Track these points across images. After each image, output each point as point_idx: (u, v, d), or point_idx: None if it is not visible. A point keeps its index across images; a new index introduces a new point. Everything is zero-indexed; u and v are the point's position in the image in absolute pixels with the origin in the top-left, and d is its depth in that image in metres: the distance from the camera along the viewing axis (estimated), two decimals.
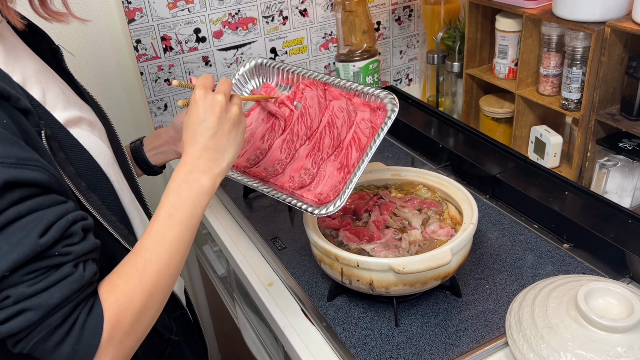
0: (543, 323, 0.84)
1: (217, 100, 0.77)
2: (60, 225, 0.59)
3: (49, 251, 0.59)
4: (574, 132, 1.27)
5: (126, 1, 1.31)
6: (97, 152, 0.73)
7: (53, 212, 0.60)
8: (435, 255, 0.85)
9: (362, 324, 0.93)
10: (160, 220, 0.70)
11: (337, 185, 0.97)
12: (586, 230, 1.03)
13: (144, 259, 0.67)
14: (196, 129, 0.76)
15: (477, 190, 1.23)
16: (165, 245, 0.69)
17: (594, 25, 1.10)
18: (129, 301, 0.64)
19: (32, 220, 0.58)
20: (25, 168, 0.58)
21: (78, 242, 0.62)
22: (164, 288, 0.69)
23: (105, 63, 1.40)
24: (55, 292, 0.59)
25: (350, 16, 1.52)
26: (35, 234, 0.57)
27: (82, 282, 0.61)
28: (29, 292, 0.57)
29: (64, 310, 0.60)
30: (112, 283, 0.65)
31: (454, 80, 1.55)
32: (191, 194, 0.73)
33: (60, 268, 0.60)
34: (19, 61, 0.69)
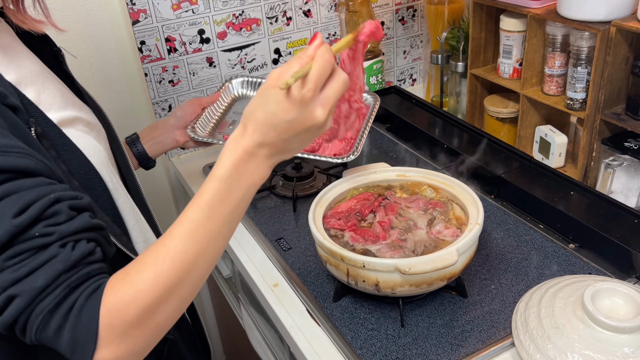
0: (550, 323, 0.84)
1: (317, 116, 0.63)
2: (40, 204, 0.56)
3: (28, 232, 0.56)
4: (578, 132, 1.27)
5: (130, 2, 1.32)
6: (90, 151, 0.72)
7: (33, 193, 0.57)
8: (441, 256, 0.85)
9: (368, 324, 0.93)
10: (198, 209, 0.62)
11: (344, 147, 1.16)
12: (592, 230, 1.03)
13: (167, 248, 0.61)
14: (277, 123, 0.63)
15: (482, 191, 1.23)
16: (197, 237, 0.61)
17: (599, 24, 1.09)
18: (135, 292, 0.58)
19: (7, 203, 0.55)
20: (7, 155, 0.56)
21: (63, 221, 0.58)
22: (188, 284, 0.62)
23: (110, 64, 1.40)
24: (40, 274, 0.55)
25: (354, 16, 1.52)
26: (9, 215, 0.55)
27: (69, 263, 0.57)
28: (13, 277, 0.55)
29: (55, 294, 0.56)
30: (126, 271, 0.61)
31: (458, 80, 1.54)
32: (242, 187, 0.64)
33: (45, 250, 0.56)
34: (15, 61, 0.70)
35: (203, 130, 1.20)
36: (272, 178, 1.35)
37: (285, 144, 0.65)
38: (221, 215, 0.63)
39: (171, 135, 1.14)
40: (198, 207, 0.63)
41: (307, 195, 1.28)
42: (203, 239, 0.62)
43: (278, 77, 0.63)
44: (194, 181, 1.41)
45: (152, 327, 0.60)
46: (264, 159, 0.65)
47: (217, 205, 0.63)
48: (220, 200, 0.63)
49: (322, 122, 0.65)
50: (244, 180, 0.64)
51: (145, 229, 0.82)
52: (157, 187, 1.55)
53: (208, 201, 0.63)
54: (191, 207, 0.63)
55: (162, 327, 0.62)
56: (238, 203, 0.65)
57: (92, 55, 1.37)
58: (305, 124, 0.64)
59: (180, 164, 1.49)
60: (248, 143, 0.64)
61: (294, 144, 0.66)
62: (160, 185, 1.56)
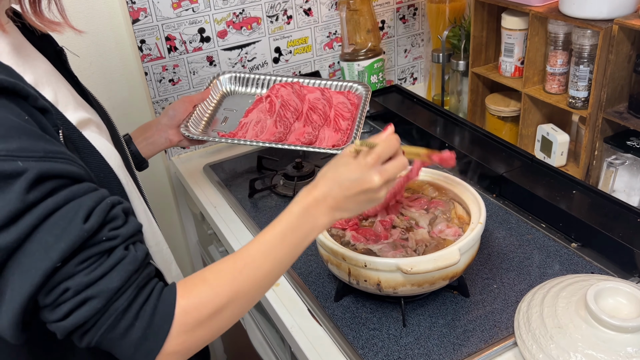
0: (552, 323, 0.84)
1: (373, 181, 0.74)
2: (101, 209, 0.59)
3: (96, 237, 0.58)
4: (580, 130, 1.27)
5: (130, 1, 1.31)
6: (107, 154, 0.72)
7: (90, 198, 0.59)
8: (443, 255, 0.85)
9: (369, 324, 0.93)
10: (273, 235, 0.71)
11: (340, 138, 1.19)
12: (594, 229, 1.02)
13: (245, 262, 0.68)
14: (342, 180, 0.75)
15: (483, 189, 1.22)
16: (270, 258, 0.70)
17: (601, 22, 1.09)
18: (214, 295, 0.65)
19: (71, 208, 0.57)
20: (54, 161, 0.57)
21: (122, 224, 0.61)
22: (251, 298, 0.70)
23: (110, 63, 1.40)
24: (113, 276, 0.58)
25: (354, 15, 1.51)
26: (78, 220, 0.56)
27: (137, 263, 0.61)
28: (87, 280, 0.57)
29: (127, 294, 0.59)
30: (202, 277, 0.66)
31: (459, 79, 1.54)
32: (307, 226, 0.73)
33: (112, 252, 0.59)
34: (29, 62, 0.69)
35: (196, 127, 1.19)
36: (273, 177, 1.35)
37: (346, 201, 0.75)
38: (289, 245, 0.72)
39: (164, 135, 1.14)
40: (273, 233, 0.72)
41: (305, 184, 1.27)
42: (274, 261, 0.70)
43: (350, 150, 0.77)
44: (194, 180, 1.40)
45: (215, 327, 0.66)
46: (327, 209, 0.75)
47: (288, 235, 0.72)
48: (291, 231, 0.72)
49: (377, 187, 0.75)
50: (310, 221, 0.74)
51: (156, 231, 0.81)
52: (157, 186, 1.55)
53: (282, 230, 0.72)
54: (268, 232, 0.72)
55: (221, 328, 0.68)
56: (302, 239, 0.74)
57: (92, 54, 1.37)
58: (364, 186, 0.74)
59: (181, 163, 1.48)
60: (318, 193, 0.74)
61: (351, 204, 0.76)
62: (160, 184, 1.55)
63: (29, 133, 0.57)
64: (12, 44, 0.67)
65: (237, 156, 1.47)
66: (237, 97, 1.35)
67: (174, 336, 0.61)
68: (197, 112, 1.23)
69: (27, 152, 0.55)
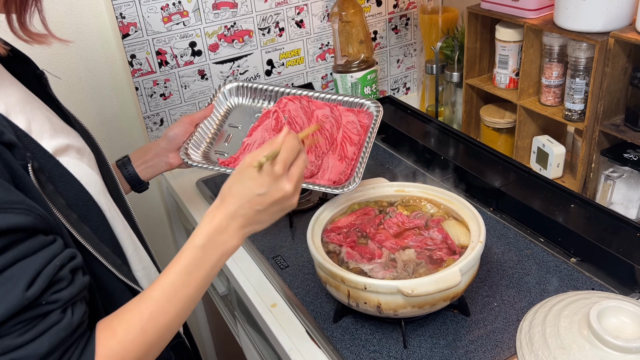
0: (555, 343, 0.82)
1: (285, 190, 0.74)
2: (47, 274, 0.58)
3: (37, 301, 0.57)
4: (576, 142, 1.26)
5: (120, 16, 1.29)
6: (87, 181, 0.70)
7: (39, 259, 0.58)
8: (444, 276, 0.83)
9: (369, 346, 0.91)
10: (177, 275, 0.69)
11: (343, 171, 1.07)
12: (593, 244, 1.01)
13: (150, 311, 0.66)
14: (250, 196, 0.73)
15: (480, 203, 1.21)
16: (176, 301, 0.68)
17: (597, 35, 1.08)
18: (124, 352, 0.63)
19: (17, 272, 0.56)
20: (8, 212, 0.55)
21: (66, 286, 0.60)
22: (164, 341, 0.69)
23: (99, 79, 1.38)
24: (43, 341, 0.57)
25: (347, 26, 1.50)
26: (21, 287, 0.55)
27: (71, 329, 0.60)
28: (17, 343, 0.56)
29: (53, 357, 0.59)
30: (112, 329, 0.64)
31: (453, 90, 1.53)
32: (215, 255, 0.72)
33: (48, 316, 0.58)
34: (2, 90, 0.66)
35: (197, 148, 1.13)
36: None
37: (257, 215, 0.74)
38: (196, 280, 0.70)
39: (164, 159, 1.10)
40: (177, 273, 0.69)
41: (303, 210, 1.26)
42: (180, 302, 0.69)
43: (253, 158, 0.74)
44: (187, 196, 1.38)
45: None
46: (236, 230, 0.73)
47: (193, 271, 0.70)
48: (196, 266, 0.70)
49: (290, 194, 0.75)
50: (217, 248, 0.72)
51: (143, 256, 0.79)
52: (149, 202, 1.52)
53: (186, 267, 0.70)
54: (170, 272, 0.69)
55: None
56: (211, 269, 0.72)
57: (81, 69, 1.35)
58: (275, 196, 0.74)
59: (173, 178, 1.46)
60: (223, 215, 0.72)
61: (265, 216, 0.75)
62: (152, 200, 1.53)
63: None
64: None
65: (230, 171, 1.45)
66: (243, 111, 1.24)
67: None
68: (200, 131, 1.15)
69: None
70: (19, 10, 0.64)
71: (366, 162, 1.05)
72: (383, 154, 1.46)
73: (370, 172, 1.39)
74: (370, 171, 1.39)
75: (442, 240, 0.96)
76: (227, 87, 1.23)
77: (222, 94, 1.23)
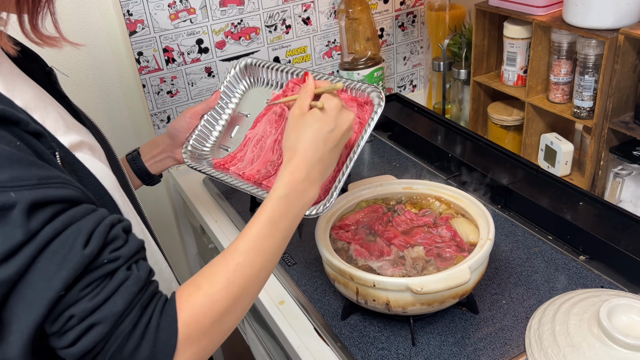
0: (565, 341, 0.82)
1: (350, 117, 0.78)
2: (101, 232, 0.57)
3: (98, 260, 0.57)
4: (584, 139, 1.25)
5: (127, 13, 1.29)
6: (102, 176, 0.70)
7: (89, 221, 0.57)
8: (453, 274, 0.83)
9: (377, 343, 0.91)
10: (262, 226, 0.69)
11: (328, 184, 0.92)
12: (602, 241, 1.01)
13: (236, 262, 0.66)
14: (321, 136, 0.75)
15: (488, 201, 1.21)
16: (262, 252, 0.68)
17: (606, 32, 1.08)
18: (211, 303, 0.63)
19: (70, 235, 0.55)
20: (48, 187, 0.55)
21: (123, 244, 0.60)
22: (251, 295, 0.68)
23: (107, 76, 1.38)
24: (117, 299, 0.57)
25: (353, 24, 1.50)
26: (78, 247, 0.55)
27: (141, 283, 0.59)
28: (91, 306, 0.56)
29: (132, 315, 0.58)
30: (195, 284, 0.64)
31: (460, 87, 1.52)
32: (298, 204, 0.72)
33: (114, 275, 0.58)
34: (18, 86, 0.66)
35: (201, 144, 1.08)
36: None
37: (330, 155, 0.76)
38: (281, 230, 0.70)
39: (170, 155, 1.09)
40: (262, 224, 0.69)
41: None
42: (266, 252, 0.68)
43: (299, 108, 0.78)
44: (193, 193, 1.38)
45: (220, 334, 0.65)
46: (317, 177, 0.75)
47: (277, 221, 0.70)
48: (281, 217, 0.71)
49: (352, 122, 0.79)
50: (300, 198, 0.73)
51: (155, 250, 0.80)
52: (156, 198, 1.53)
53: (270, 217, 0.70)
54: (255, 223, 0.69)
55: (227, 332, 0.67)
56: (293, 220, 0.72)
57: (88, 67, 1.35)
58: (344, 127, 0.77)
59: (180, 175, 1.46)
60: (302, 163, 0.74)
61: (334, 154, 0.78)
62: (159, 197, 1.53)
63: (20, 161, 0.55)
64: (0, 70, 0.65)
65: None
66: (257, 94, 1.12)
67: (181, 351, 0.60)
68: (209, 121, 1.09)
69: (19, 181, 0.53)
70: (31, 11, 0.63)
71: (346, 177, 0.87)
72: (390, 151, 1.46)
73: (377, 170, 1.38)
74: (377, 169, 1.39)
75: (451, 238, 0.96)
76: (237, 67, 1.12)
77: (233, 77, 1.12)
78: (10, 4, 0.62)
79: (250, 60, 1.12)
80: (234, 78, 1.12)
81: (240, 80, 1.13)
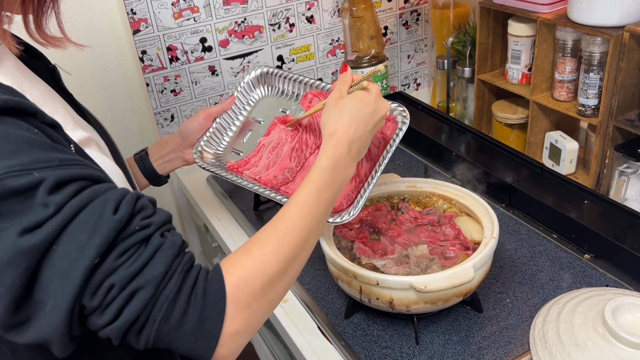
0: (570, 340, 0.82)
1: (386, 106, 0.82)
2: (128, 201, 0.56)
3: (129, 227, 0.56)
4: (589, 137, 1.25)
5: (131, 12, 1.29)
6: (111, 172, 0.70)
7: (115, 193, 0.56)
8: (457, 272, 0.83)
9: (381, 342, 0.91)
10: (310, 194, 0.71)
11: (350, 194, 0.96)
12: (607, 240, 1.00)
13: (286, 226, 0.66)
14: (363, 116, 0.78)
15: (492, 199, 1.20)
16: (309, 218, 0.69)
17: (611, 30, 1.07)
18: (261, 265, 0.62)
19: (98, 204, 0.55)
20: (71, 167, 0.55)
21: (152, 213, 0.59)
22: (300, 260, 0.68)
23: (110, 74, 1.38)
24: (155, 263, 0.56)
25: (357, 22, 1.49)
26: (108, 213, 0.54)
27: (177, 247, 0.58)
28: (130, 272, 0.54)
29: (174, 279, 0.56)
30: (245, 249, 0.63)
31: (464, 86, 1.52)
32: (340, 177, 0.74)
33: (149, 240, 0.57)
34: (27, 82, 0.67)
35: (212, 146, 1.09)
36: None
37: (369, 137, 0.80)
38: (324, 201, 0.72)
39: (180, 155, 1.09)
40: (309, 192, 0.71)
41: None
42: (313, 219, 0.69)
43: (338, 92, 0.81)
44: (197, 192, 1.38)
45: (270, 300, 0.64)
46: (356, 154, 0.78)
47: (323, 191, 0.72)
48: (325, 187, 0.72)
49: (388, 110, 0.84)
50: (343, 172, 0.75)
51: None
52: (160, 197, 1.53)
53: (317, 187, 0.72)
54: (301, 192, 0.71)
55: (277, 299, 0.65)
56: (335, 193, 0.74)
57: (92, 66, 1.35)
58: (381, 112, 0.81)
59: (184, 174, 1.46)
60: (344, 139, 0.76)
61: (370, 137, 0.81)
62: (163, 196, 1.53)
63: (40, 145, 0.55)
64: (8, 65, 0.65)
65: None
66: (270, 102, 1.15)
67: (231, 315, 0.58)
68: (218, 126, 1.11)
69: (41, 162, 0.53)
70: (36, 11, 0.63)
71: (372, 187, 0.92)
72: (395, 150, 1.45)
73: None
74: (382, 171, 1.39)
75: (455, 236, 0.96)
76: (252, 74, 1.15)
77: (247, 84, 1.15)
78: (15, 4, 0.61)
79: (267, 69, 1.16)
80: (248, 84, 1.15)
81: (255, 88, 1.16)
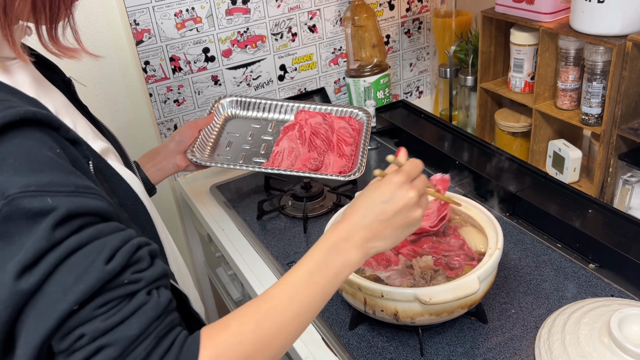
0: (575, 352, 0.81)
1: (409, 196, 0.72)
2: (126, 251, 0.55)
3: (118, 279, 0.54)
4: (593, 145, 1.25)
5: (134, 23, 1.29)
6: (132, 181, 0.70)
7: (116, 238, 0.55)
8: (462, 284, 0.82)
9: (386, 354, 0.90)
10: (299, 275, 0.67)
11: (345, 165, 1.22)
12: (612, 249, 1.00)
13: (269, 306, 0.63)
14: (373, 205, 0.72)
15: (496, 208, 1.20)
16: (296, 301, 0.65)
17: (614, 39, 1.07)
18: (237, 344, 0.60)
19: (95, 248, 0.54)
20: (84, 196, 0.54)
21: (147, 267, 0.57)
22: (279, 345, 0.64)
23: (114, 85, 1.38)
24: (132, 323, 0.54)
25: (359, 31, 1.50)
26: (100, 262, 0.53)
27: (160, 309, 0.56)
28: (104, 326, 0.53)
29: (146, 343, 0.55)
30: (224, 323, 0.62)
31: (467, 94, 1.52)
32: (337, 261, 0.69)
33: (133, 297, 0.55)
34: (48, 94, 0.67)
35: (202, 152, 1.22)
36: (282, 198, 1.33)
37: (381, 227, 0.71)
38: (317, 285, 0.67)
39: (172, 161, 1.15)
40: (299, 273, 0.67)
41: (317, 215, 1.26)
42: (301, 303, 0.65)
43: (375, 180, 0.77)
44: (200, 201, 1.39)
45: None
46: (360, 242, 0.71)
47: (316, 274, 0.68)
48: (319, 270, 0.68)
49: (413, 202, 0.72)
50: (341, 257, 0.69)
51: (177, 255, 0.79)
52: (163, 207, 1.52)
53: (308, 270, 0.68)
54: (293, 272, 0.68)
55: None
56: (332, 278, 0.69)
57: (95, 76, 1.35)
58: (399, 204, 0.71)
59: (187, 184, 1.46)
60: (348, 224, 0.71)
61: (389, 230, 0.72)
62: (166, 205, 1.53)
63: (60, 167, 0.55)
64: (31, 76, 0.65)
65: (243, 176, 1.46)
66: (240, 121, 1.38)
67: None
68: (203, 137, 1.25)
69: (57, 186, 0.53)
70: (49, 21, 0.63)
71: (367, 155, 1.22)
72: None
73: None
74: None
75: (460, 247, 0.95)
76: (224, 100, 1.37)
77: (221, 105, 1.36)
78: (25, 10, 0.61)
79: (234, 99, 1.37)
80: (221, 106, 1.36)
81: (226, 108, 1.37)
